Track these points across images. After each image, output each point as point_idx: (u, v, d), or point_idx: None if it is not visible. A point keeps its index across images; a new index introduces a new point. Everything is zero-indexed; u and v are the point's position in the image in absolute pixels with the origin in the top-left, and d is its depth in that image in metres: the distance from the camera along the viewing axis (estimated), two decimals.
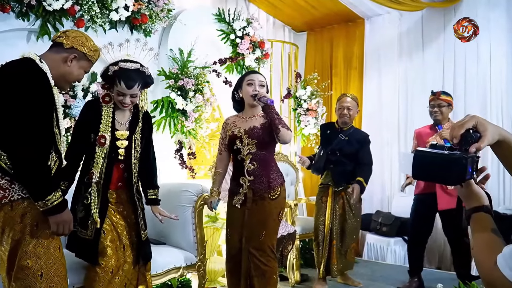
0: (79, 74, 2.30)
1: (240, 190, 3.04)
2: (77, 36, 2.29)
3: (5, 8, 3.23)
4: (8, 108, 1.98)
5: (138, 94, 2.60)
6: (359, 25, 6.27)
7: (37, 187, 2.00)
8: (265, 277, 3.01)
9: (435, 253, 5.36)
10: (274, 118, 2.94)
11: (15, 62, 2.10)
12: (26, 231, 2.03)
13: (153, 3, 4.06)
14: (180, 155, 4.25)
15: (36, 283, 2.03)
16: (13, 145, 1.97)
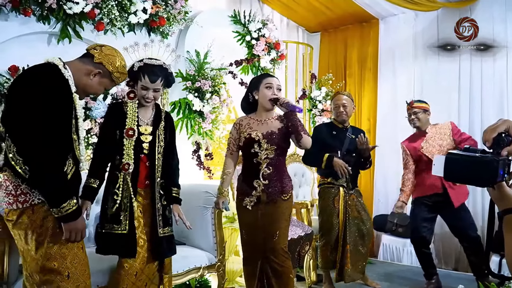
0: (98, 90, 2.31)
1: (253, 192, 3.08)
2: (110, 54, 2.30)
3: (26, 12, 3.29)
4: (27, 113, 1.97)
5: (160, 90, 2.68)
6: (374, 25, 6.26)
7: (53, 194, 2.01)
8: (282, 278, 3.05)
9: (451, 254, 5.35)
10: (298, 125, 2.99)
11: (38, 66, 2.12)
12: (48, 233, 2.06)
13: (171, 5, 4.11)
14: (197, 156, 4.28)
15: (64, 283, 2.06)
16: (30, 151, 1.97)
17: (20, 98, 2.00)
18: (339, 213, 4.01)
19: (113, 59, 2.29)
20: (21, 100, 2.00)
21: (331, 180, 4.05)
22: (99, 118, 3.55)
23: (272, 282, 3.06)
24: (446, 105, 5.48)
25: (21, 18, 3.31)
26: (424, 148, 4.21)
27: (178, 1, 4.18)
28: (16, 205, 2.04)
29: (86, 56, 2.28)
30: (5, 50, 3.28)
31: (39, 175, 1.98)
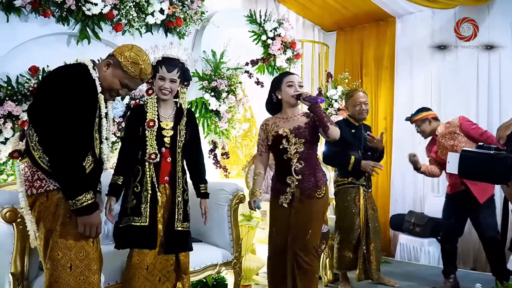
0: (112, 83, 2.25)
1: (287, 189, 3.08)
2: (124, 47, 2.30)
3: (46, 13, 3.35)
4: (52, 106, 2.03)
5: (177, 82, 2.72)
6: (390, 24, 6.23)
7: (69, 186, 2.03)
8: (307, 276, 3.04)
9: (469, 254, 5.30)
10: (323, 116, 2.99)
11: (69, 65, 2.21)
12: (59, 221, 2.07)
13: (187, 6, 4.15)
14: (214, 155, 4.32)
15: (64, 274, 2.04)
16: (51, 142, 2.01)
17: (48, 93, 2.07)
18: (360, 212, 4.01)
19: (123, 49, 2.29)
20: (48, 94, 2.06)
21: (352, 179, 4.03)
22: (117, 117, 3.62)
23: (297, 281, 3.06)
24: (464, 103, 5.44)
25: (40, 19, 3.38)
26: (439, 152, 4.18)
27: (195, 2, 4.22)
28: (31, 191, 2.08)
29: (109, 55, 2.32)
30: (26, 51, 3.35)
31: (58, 166, 2.02)
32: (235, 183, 3.54)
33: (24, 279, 2.41)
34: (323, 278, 4.38)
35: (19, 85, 3.24)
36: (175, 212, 2.68)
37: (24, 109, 3.14)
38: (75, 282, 2.06)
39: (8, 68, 3.26)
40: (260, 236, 4.17)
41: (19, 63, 3.30)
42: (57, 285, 2.04)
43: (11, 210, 2.39)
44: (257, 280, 4.19)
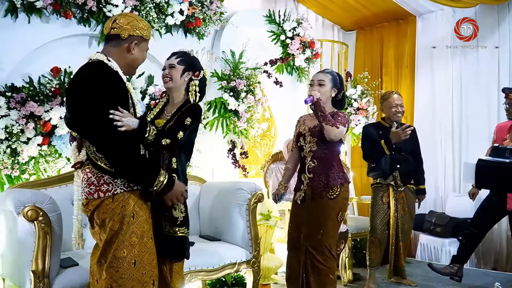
0: (143, 57, 2.32)
1: (301, 186, 3.13)
2: (130, 22, 2.24)
3: (67, 14, 3.41)
4: (93, 114, 2.05)
5: (177, 67, 2.57)
6: (411, 22, 6.17)
7: (143, 179, 2.16)
8: (321, 276, 3.04)
9: (490, 254, 5.22)
10: (318, 115, 2.97)
11: (87, 68, 2.16)
12: (125, 221, 2.13)
13: (207, 6, 4.17)
14: (232, 155, 4.33)
15: (130, 270, 2.13)
16: (107, 149, 2.07)
17: (84, 102, 2.07)
18: (389, 210, 4.05)
19: (135, 23, 2.25)
20: (84, 103, 2.07)
21: (380, 180, 4.10)
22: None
23: (310, 279, 3.06)
24: (486, 101, 5.36)
25: (62, 20, 3.43)
26: (508, 140, 3.95)
27: (214, 2, 4.24)
28: (97, 194, 2.13)
29: (112, 39, 2.25)
30: (47, 52, 3.41)
31: (124, 168, 2.11)
32: (253, 182, 3.55)
33: (45, 277, 2.44)
34: (342, 278, 4.36)
35: (41, 86, 3.30)
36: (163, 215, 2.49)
37: (46, 109, 3.20)
38: (139, 277, 2.15)
39: (30, 69, 3.32)
40: (279, 235, 4.18)
41: (41, 64, 3.36)
42: (122, 281, 2.12)
43: (32, 209, 2.44)
44: (276, 279, 4.19)
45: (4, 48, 3.14)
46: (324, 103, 3.06)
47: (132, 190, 2.17)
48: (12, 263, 2.71)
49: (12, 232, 2.67)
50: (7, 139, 3.08)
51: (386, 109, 4.18)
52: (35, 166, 3.25)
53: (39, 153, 3.22)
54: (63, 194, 3.08)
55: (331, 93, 3.16)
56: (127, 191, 2.15)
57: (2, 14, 3.21)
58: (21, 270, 2.54)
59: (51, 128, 3.20)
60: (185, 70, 2.58)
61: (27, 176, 3.23)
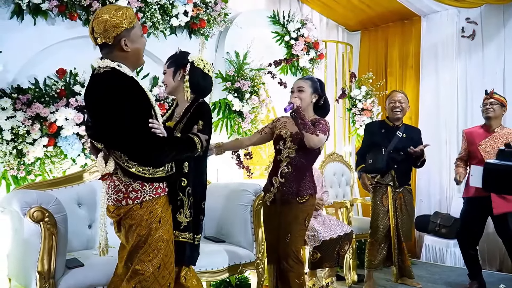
0: (142, 42, 2.25)
1: (271, 189, 3.18)
2: (105, 24, 2.09)
3: (72, 16, 3.43)
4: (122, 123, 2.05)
5: (167, 71, 2.61)
6: (415, 22, 6.15)
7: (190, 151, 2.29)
8: (285, 280, 3.09)
9: (495, 255, 5.20)
10: (298, 123, 2.99)
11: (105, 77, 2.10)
12: (152, 226, 2.18)
13: (211, 8, 4.18)
14: (237, 156, 4.33)
15: (154, 274, 2.17)
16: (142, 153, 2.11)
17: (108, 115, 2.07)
18: (389, 211, 4.05)
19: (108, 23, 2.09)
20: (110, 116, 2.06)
21: (378, 179, 4.11)
22: None
23: (278, 284, 3.16)
24: None
25: (67, 22, 3.45)
26: (483, 146, 4.06)
27: (218, 3, 4.25)
28: (125, 201, 2.16)
29: (103, 47, 2.17)
30: (53, 54, 3.42)
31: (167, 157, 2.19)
32: (257, 183, 3.54)
33: (51, 278, 2.46)
34: (346, 279, 4.37)
35: (47, 87, 3.32)
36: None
37: (52, 110, 3.22)
38: (161, 279, 2.20)
39: (36, 71, 3.34)
40: None
41: (46, 66, 3.38)
42: (146, 284, 2.17)
43: (38, 210, 2.45)
44: None
45: (10, 50, 3.15)
46: (305, 110, 3.09)
47: (160, 196, 2.21)
48: (18, 263, 2.73)
49: (18, 233, 2.69)
50: (13, 140, 3.09)
51: (387, 107, 4.24)
52: (40, 167, 3.26)
53: (45, 154, 3.24)
54: (69, 195, 3.11)
55: (311, 98, 3.18)
56: (155, 198, 2.19)
57: (8, 16, 3.22)
58: (26, 271, 2.56)
59: (57, 129, 3.22)
60: (175, 71, 2.60)
61: (33, 177, 3.24)
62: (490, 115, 4.07)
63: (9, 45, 3.16)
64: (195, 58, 2.61)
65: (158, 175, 2.20)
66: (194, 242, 2.49)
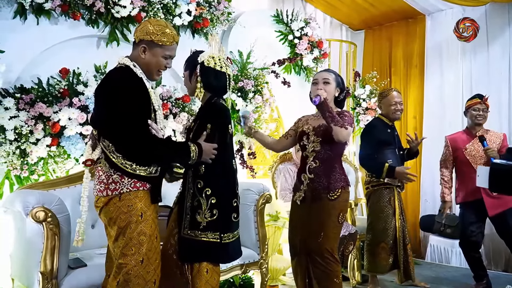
0: (157, 61, 2.32)
1: (301, 187, 3.03)
2: (143, 26, 2.33)
3: (75, 16, 3.42)
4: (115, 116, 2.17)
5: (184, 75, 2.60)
6: (420, 21, 6.12)
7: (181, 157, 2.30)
8: (324, 281, 2.95)
9: (501, 255, 5.17)
10: (326, 116, 2.84)
11: (116, 72, 2.28)
12: (132, 220, 2.20)
13: (214, 7, 4.17)
14: (240, 155, 4.32)
15: (137, 267, 2.19)
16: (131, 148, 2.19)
17: (107, 105, 2.21)
18: (395, 213, 3.99)
19: (146, 28, 2.30)
20: (108, 105, 2.20)
21: (387, 180, 3.94)
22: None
23: (313, 284, 2.99)
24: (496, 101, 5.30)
25: (70, 22, 3.44)
26: (468, 150, 4.10)
27: (221, 2, 4.24)
28: (106, 192, 2.22)
29: (133, 44, 2.39)
30: (56, 53, 3.42)
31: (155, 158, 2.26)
32: (261, 183, 3.54)
33: (53, 278, 2.45)
34: (351, 280, 4.34)
35: (50, 87, 3.31)
36: (183, 218, 2.46)
37: (55, 110, 3.21)
38: (144, 275, 2.21)
39: (39, 70, 3.33)
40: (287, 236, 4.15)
41: (49, 65, 3.37)
42: (128, 277, 2.18)
43: (41, 210, 2.45)
44: (284, 281, 4.17)
45: (13, 50, 3.14)
46: (329, 102, 2.97)
47: (138, 191, 2.23)
48: (20, 263, 2.73)
49: (20, 233, 2.69)
50: (16, 140, 3.09)
51: (384, 107, 4.12)
52: (44, 167, 3.26)
53: (48, 154, 3.23)
54: (72, 195, 3.10)
55: (335, 92, 3.08)
56: (133, 191, 2.21)
57: (11, 16, 3.22)
58: (29, 271, 2.56)
59: (60, 129, 3.21)
60: (190, 74, 2.56)
61: (36, 177, 3.24)
62: (481, 122, 4.14)
63: (12, 45, 3.16)
64: (205, 57, 2.52)
65: (139, 173, 2.23)
66: (220, 241, 2.44)
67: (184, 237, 2.42)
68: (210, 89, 2.52)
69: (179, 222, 2.46)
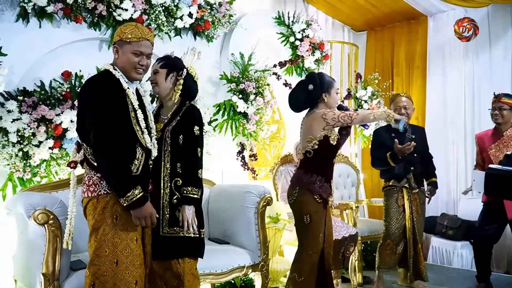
0: (129, 60, 2.35)
1: (331, 192, 3.19)
2: (117, 31, 2.43)
3: (77, 19, 3.44)
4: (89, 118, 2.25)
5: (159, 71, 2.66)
6: (422, 22, 6.12)
7: (118, 186, 2.22)
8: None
9: (503, 257, 5.16)
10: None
11: (93, 77, 2.39)
12: (106, 221, 2.23)
13: (216, 9, 4.19)
14: (241, 157, 4.33)
15: (111, 269, 2.21)
16: (96, 152, 2.23)
17: (82, 107, 2.31)
18: (405, 211, 4.04)
19: (117, 31, 2.42)
20: (83, 108, 2.30)
21: (393, 182, 4.08)
22: None
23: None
24: None
25: (72, 25, 3.47)
26: (493, 150, 4.00)
27: (223, 5, 4.25)
28: (87, 193, 2.29)
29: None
30: (58, 56, 3.44)
31: (106, 171, 2.23)
32: (262, 185, 3.55)
33: (55, 280, 2.48)
34: (352, 281, 4.35)
35: (52, 90, 3.34)
36: (160, 217, 2.50)
37: (57, 113, 3.24)
38: (122, 276, 2.23)
39: (42, 73, 3.36)
40: (288, 238, 4.16)
41: (52, 68, 3.40)
42: (104, 278, 2.21)
43: (43, 212, 2.48)
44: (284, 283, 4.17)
45: (15, 53, 3.17)
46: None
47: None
48: (23, 265, 2.75)
49: (23, 235, 2.72)
50: (19, 143, 3.11)
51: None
52: (46, 169, 3.28)
53: (51, 156, 3.26)
54: None
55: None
56: (111, 193, 2.26)
57: (14, 19, 3.25)
58: (31, 272, 2.58)
59: (62, 131, 3.24)
60: (168, 72, 2.65)
61: (38, 179, 3.26)
62: (499, 121, 4.03)
63: (14, 48, 3.18)
64: (188, 65, 2.73)
65: None
66: (200, 236, 2.60)
67: (165, 236, 2.52)
68: (187, 93, 2.69)
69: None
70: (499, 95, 4.05)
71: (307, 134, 3.13)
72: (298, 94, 3.25)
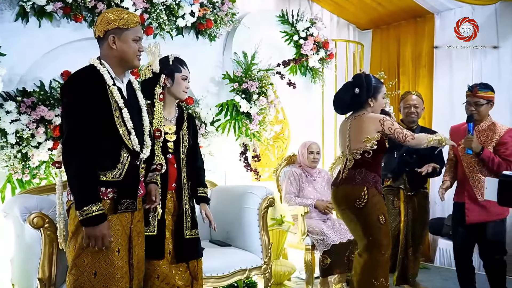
0: (130, 48, 2.18)
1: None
2: (102, 19, 2.19)
3: (77, 18, 3.41)
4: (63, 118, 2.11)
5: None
6: (428, 20, 6.03)
7: (76, 197, 2.03)
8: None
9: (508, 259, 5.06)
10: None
11: (75, 72, 2.19)
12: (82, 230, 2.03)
13: (218, 8, 4.13)
14: (244, 158, 4.27)
15: (89, 280, 2.06)
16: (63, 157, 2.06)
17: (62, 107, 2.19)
18: (400, 215, 3.96)
19: (106, 17, 2.17)
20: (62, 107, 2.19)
21: (390, 183, 4.01)
22: None
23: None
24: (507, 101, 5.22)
25: (72, 24, 3.43)
26: (461, 146, 3.60)
27: (225, 3, 4.19)
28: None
29: (98, 41, 2.25)
30: (58, 56, 3.41)
31: (68, 179, 2.06)
32: (264, 186, 3.50)
33: (52, 285, 2.44)
34: None
35: (52, 90, 3.31)
36: (183, 220, 2.58)
37: (57, 113, 3.20)
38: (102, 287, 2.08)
39: (41, 73, 3.33)
40: (292, 240, 4.09)
41: (51, 68, 3.37)
42: None
43: (38, 216, 2.43)
44: (288, 286, 4.11)
45: (15, 53, 3.14)
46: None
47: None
48: (20, 269, 2.72)
49: (20, 238, 2.68)
50: (18, 144, 3.08)
51: (401, 110, 4.13)
52: (46, 171, 3.24)
53: (50, 157, 3.22)
54: None
55: None
56: None
57: (13, 18, 3.22)
58: (29, 277, 2.55)
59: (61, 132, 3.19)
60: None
61: (37, 181, 3.22)
62: (476, 118, 3.62)
63: (14, 48, 3.15)
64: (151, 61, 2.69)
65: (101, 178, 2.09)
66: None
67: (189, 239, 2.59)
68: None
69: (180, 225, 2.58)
70: (474, 89, 3.63)
71: (362, 134, 3.06)
72: (343, 97, 3.20)
